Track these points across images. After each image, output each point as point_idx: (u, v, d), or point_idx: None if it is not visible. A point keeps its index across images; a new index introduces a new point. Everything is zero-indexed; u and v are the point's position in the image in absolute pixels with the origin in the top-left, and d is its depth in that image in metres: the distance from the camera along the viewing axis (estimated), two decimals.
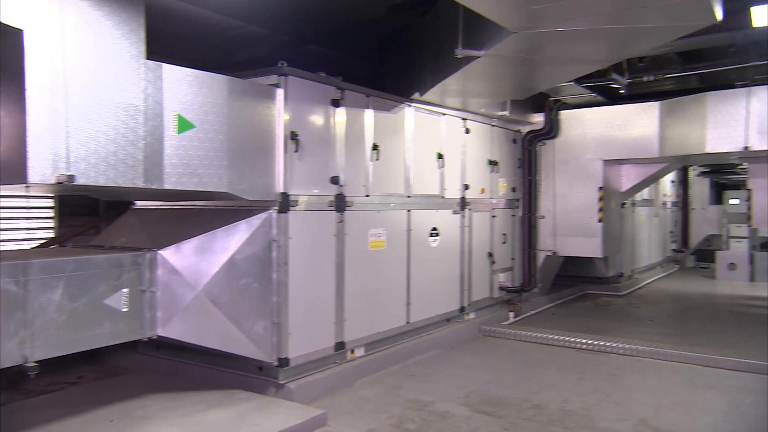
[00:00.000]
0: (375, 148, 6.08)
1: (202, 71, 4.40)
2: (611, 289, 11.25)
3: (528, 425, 4.67)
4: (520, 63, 5.54)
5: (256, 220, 4.96)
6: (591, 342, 7.00)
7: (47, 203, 6.24)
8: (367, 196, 6.00)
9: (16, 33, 3.40)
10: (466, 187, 7.67)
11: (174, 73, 4.21)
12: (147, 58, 4.01)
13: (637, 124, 8.70)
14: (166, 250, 4.59)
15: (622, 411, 4.98)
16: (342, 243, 5.67)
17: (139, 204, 6.01)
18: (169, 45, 6.22)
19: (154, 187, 4.09)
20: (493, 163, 8.30)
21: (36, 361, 3.78)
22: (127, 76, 3.90)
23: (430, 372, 6.09)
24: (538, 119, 9.20)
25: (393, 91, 6.50)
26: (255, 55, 6.86)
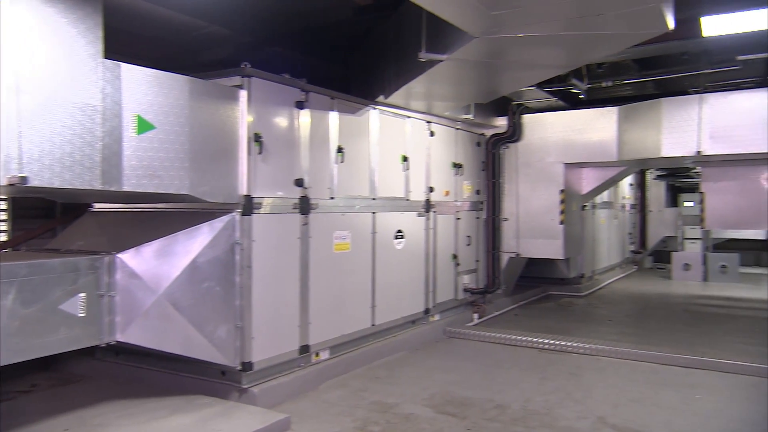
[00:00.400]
0: (340, 150, 6.08)
1: (162, 71, 4.33)
2: (573, 289, 11.50)
3: (491, 425, 4.73)
4: (482, 67, 5.63)
5: (218, 223, 4.90)
6: (553, 342, 7.14)
7: None
8: (331, 198, 5.99)
9: None
10: (431, 189, 7.74)
11: (133, 73, 4.13)
12: (106, 57, 3.93)
13: (597, 128, 8.91)
14: (126, 254, 4.49)
15: (582, 409, 5.09)
16: (306, 246, 5.65)
17: (97, 206, 5.87)
18: (130, 44, 6.10)
19: (112, 189, 4.00)
20: (457, 165, 8.40)
21: None
22: (84, 75, 3.81)
23: (394, 374, 6.12)
24: (502, 123, 9.34)
25: (358, 94, 6.51)
26: (218, 56, 6.79)
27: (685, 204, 16.62)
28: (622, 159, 8.82)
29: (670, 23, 4.20)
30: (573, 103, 9.59)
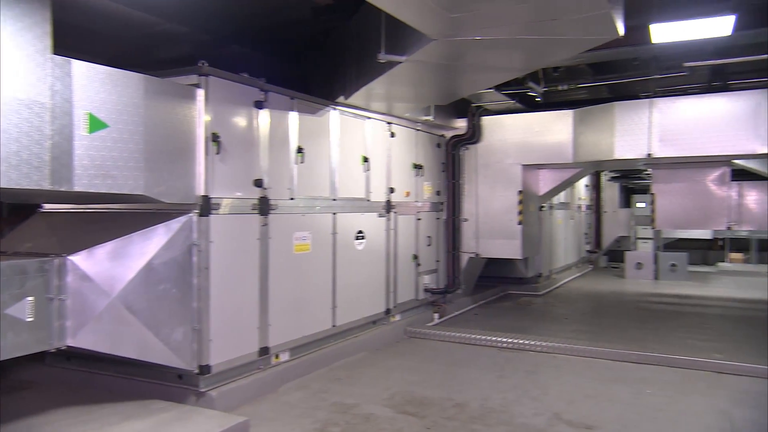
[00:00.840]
0: (300, 150, 6.04)
1: (116, 69, 4.22)
2: (531, 289, 11.73)
3: (450, 424, 4.78)
4: (442, 69, 5.69)
5: (175, 224, 4.80)
6: (511, 341, 7.27)
7: None
8: (291, 199, 5.95)
9: None
10: (392, 190, 7.77)
11: (85, 70, 4.01)
12: (56, 53, 3.81)
13: (553, 130, 9.12)
14: (77, 256, 4.35)
15: (539, 406, 5.20)
16: (266, 247, 5.60)
17: (47, 207, 5.68)
18: (83, 41, 5.93)
19: (62, 189, 3.87)
20: (418, 166, 8.46)
21: None
22: (31, 71, 3.67)
23: (355, 375, 6.12)
24: (462, 124, 9.46)
25: (318, 94, 6.49)
26: (175, 54, 6.65)
27: (638, 205, 17.17)
28: (577, 161, 9.05)
29: (621, 29, 4.34)
30: (530, 105, 9.79)
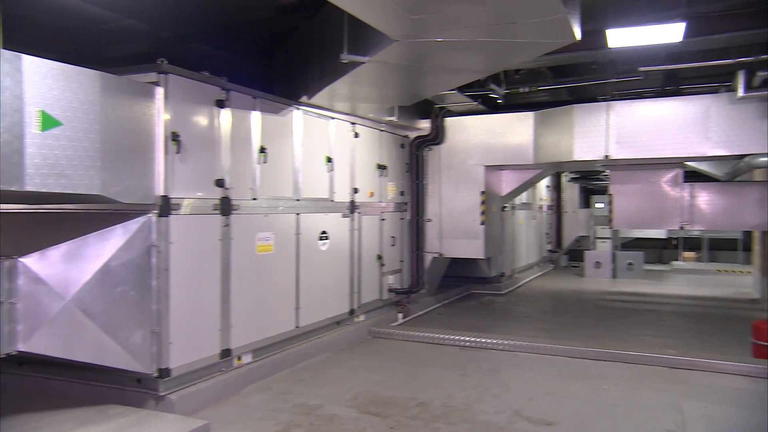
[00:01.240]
0: (262, 150, 5.99)
1: (70, 65, 4.09)
2: (494, 288, 11.90)
3: (413, 423, 4.81)
4: (404, 70, 5.72)
5: (133, 225, 4.69)
6: (473, 339, 7.36)
7: None
8: (254, 199, 5.89)
9: None
10: (356, 190, 7.78)
11: (37, 66, 3.88)
12: (5, 48, 3.68)
13: (515, 132, 9.28)
14: (29, 258, 4.20)
15: (500, 404, 5.28)
16: (228, 247, 5.52)
17: None
18: (35, 35, 5.75)
19: (12, 188, 3.74)
20: (382, 167, 8.48)
21: None
22: None
23: (318, 376, 6.10)
24: (425, 125, 9.53)
25: (281, 94, 6.44)
26: (133, 51, 6.51)
27: (597, 205, 17.63)
28: (538, 162, 9.22)
29: (578, 33, 4.46)
30: (492, 107, 9.93)
